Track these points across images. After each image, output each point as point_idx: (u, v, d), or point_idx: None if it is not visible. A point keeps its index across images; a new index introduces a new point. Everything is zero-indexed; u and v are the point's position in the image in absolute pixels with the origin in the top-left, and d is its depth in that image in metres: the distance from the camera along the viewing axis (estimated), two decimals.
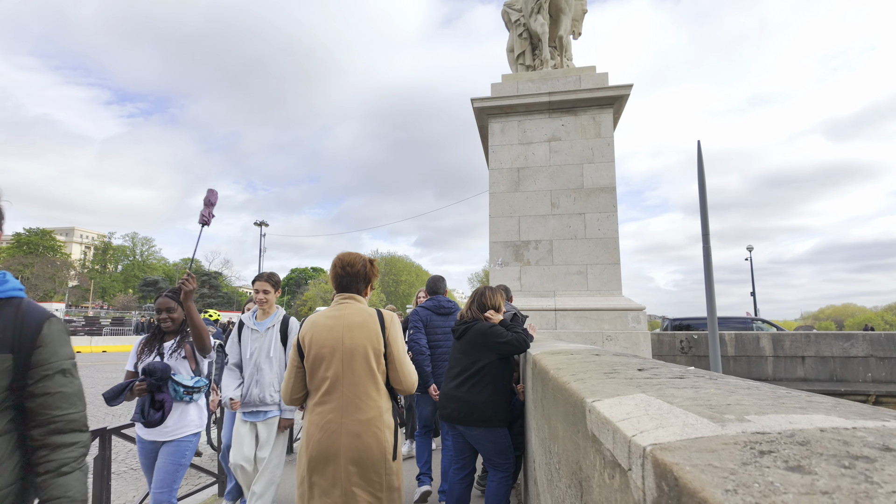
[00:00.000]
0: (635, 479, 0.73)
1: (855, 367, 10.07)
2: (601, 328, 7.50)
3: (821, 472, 0.50)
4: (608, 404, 1.01)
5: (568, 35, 9.41)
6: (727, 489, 0.49)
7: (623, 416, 0.89)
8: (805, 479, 0.49)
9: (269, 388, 3.58)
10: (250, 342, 3.66)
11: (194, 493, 4.61)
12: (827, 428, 0.67)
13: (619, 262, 7.85)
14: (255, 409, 3.58)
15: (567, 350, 2.73)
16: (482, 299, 3.49)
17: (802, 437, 0.64)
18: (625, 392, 1.12)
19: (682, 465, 0.58)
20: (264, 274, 3.81)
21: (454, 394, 3.27)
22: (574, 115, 8.37)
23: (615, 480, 0.88)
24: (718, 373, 1.51)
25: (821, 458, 0.54)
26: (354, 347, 2.35)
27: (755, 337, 10.56)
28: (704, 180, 7.68)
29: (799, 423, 0.70)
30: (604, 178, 8.05)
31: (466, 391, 3.22)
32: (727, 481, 0.51)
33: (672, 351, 10.88)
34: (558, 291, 7.92)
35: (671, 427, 0.76)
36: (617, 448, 0.85)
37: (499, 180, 8.49)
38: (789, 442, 0.62)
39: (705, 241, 7.37)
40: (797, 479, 0.49)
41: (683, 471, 0.57)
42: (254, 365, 3.59)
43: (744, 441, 0.64)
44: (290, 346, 3.56)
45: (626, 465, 0.79)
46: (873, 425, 0.67)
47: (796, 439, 0.63)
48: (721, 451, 0.61)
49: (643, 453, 0.69)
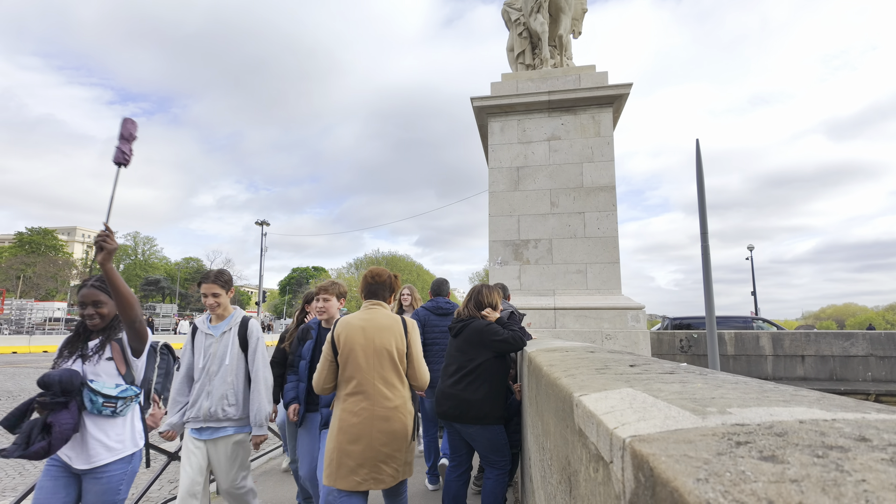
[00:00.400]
0: (616, 472, 0.73)
1: (855, 367, 10.05)
2: (600, 327, 7.50)
3: (793, 462, 0.50)
4: (594, 398, 1.01)
5: (568, 34, 9.39)
6: (699, 478, 0.49)
7: (607, 410, 0.89)
8: (776, 468, 0.49)
9: (222, 402, 3.04)
10: (204, 348, 3.15)
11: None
12: (806, 420, 0.67)
13: (618, 262, 7.84)
14: (205, 424, 3.05)
15: (562, 348, 2.73)
16: (479, 297, 3.49)
17: (781, 428, 0.64)
18: (612, 387, 1.12)
19: (658, 456, 0.58)
20: (211, 273, 3.19)
21: (450, 391, 3.27)
22: (574, 115, 8.37)
23: (599, 474, 0.88)
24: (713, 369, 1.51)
25: (795, 448, 0.54)
26: (383, 346, 2.79)
27: (755, 336, 10.55)
28: (703, 178, 7.67)
29: (779, 416, 0.70)
30: (603, 177, 8.05)
31: (462, 389, 3.22)
32: (699, 470, 0.51)
33: (672, 350, 10.87)
34: (558, 290, 7.92)
35: (653, 420, 0.76)
36: (600, 441, 0.84)
37: (498, 179, 8.49)
38: (767, 433, 0.62)
39: (703, 239, 7.37)
40: (768, 468, 0.49)
41: (659, 461, 0.57)
42: (206, 374, 3.09)
43: (722, 432, 0.64)
44: (253, 351, 3.16)
45: (608, 457, 0.79)
46: (853, 417, 0.67)
47: (774, 430, 0.63)
48: (698, 442, 0.61)
49: (623, 445, 0.69)
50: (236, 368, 3.11)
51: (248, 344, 3.18)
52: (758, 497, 0.43)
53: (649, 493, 0.58)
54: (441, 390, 3.37)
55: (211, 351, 3.12)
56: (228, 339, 3.14)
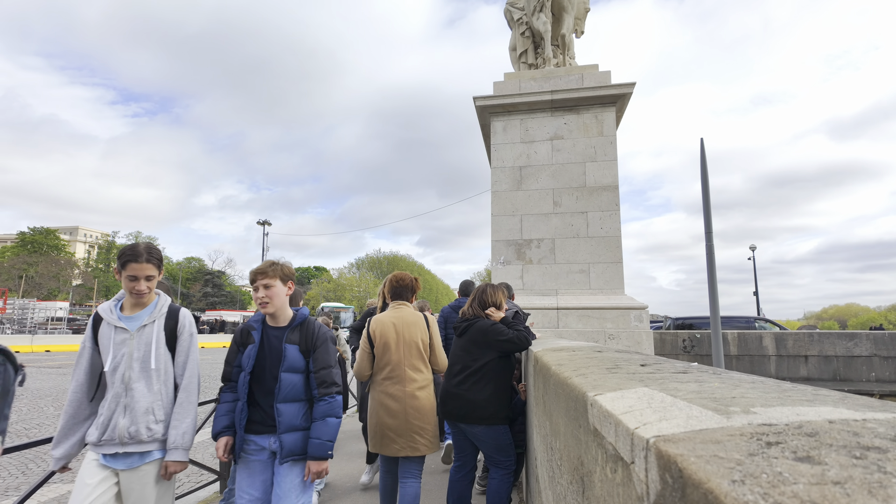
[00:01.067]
0: (638, 473, 0.72)
1: (858, 367, 10.02)
2: (603, 327, 7.48)
3: (831, 463, 0.48)
4: (610, 398, 0.99)
5: (570, 33, 9.37)
6: (734, 479, 0.48)
7: (625, 410, 0.87)
8: (815, 470, 0.47)
9: (146, 417, 2.35)
10: (113, 346, 2.38)
11: (195, 491, 4.60)
12: (836, 419, 0.65)
13: (621, 261, 7.82)
14: (122, 449, 2.32)
15: (569, 347, 2.71)
16: (483, 296, 3.48)
17: (811, 428, 0.62)
18: (627, 386, 1.10)
19: (687, 457, 0.56)
20: (141, 249, 2.42)
21: (455, 391, 3.26)
22: (576, 114, 8.35)
23: (617, 474, 0.86)
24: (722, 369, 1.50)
25: (830, 449, 0.52)
26: (411, 339, 3.35)
27: (758, 336, 10.51)
28: (707, 177, 7.64)
29: (806, 415, 0.69)
30: (606, 176, 8.03)
31: (467, 389, 3.21)
32: (734, 472, 0.49)
33: (674, 350, 10.84)
34: (560, 290, 7.90)
35: (675, 419, 0.74)
36: (619, 441, 0.83)
37: (501, 179, 8.47)
38: (797, 433, 0.60)
39: (708, 238, 7.34)
40: (807, 470, 0.47)
41: (688, 462, 0.55)
42: (121, 381, 2.35)
43: (750, 433, 0.62)
44: (185, 350, 2.52)
45: (628, 458, 0.77)
46: (883, 417, 0.65)
47: (804, 430, 0.61)
48: (727, 442, 0.59)
49: (646, 445, 0.67)
50: (165, 373, 2.46)
51: (180, 338, 2.51)
52: (801, 500, 0.42)
53: (678, 495, 0.56)
54: (446, 390, 3.35)
55: (124, 350, 2.39)
56: (151, 336, 2.43)
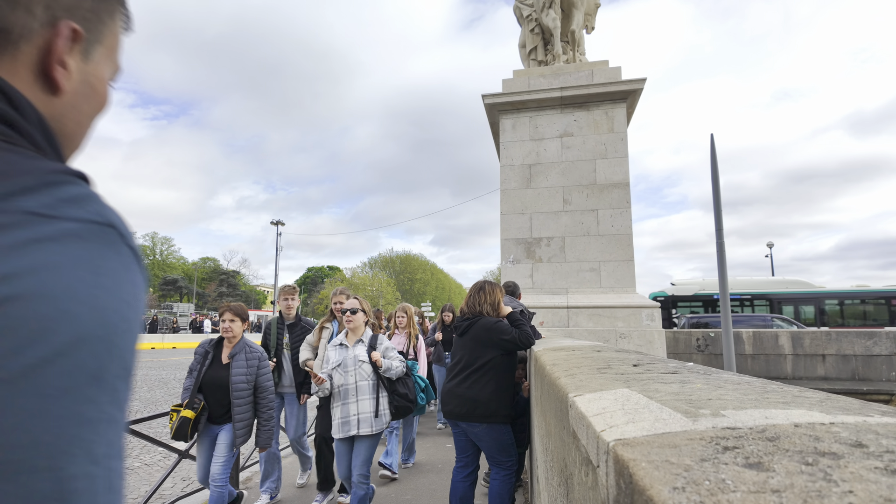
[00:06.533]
0: (602, 477, 0.70)
1: (878, 366, 9.78)
2: (614, 326, 7.40)
3: (779, 469, 0.46)
4: (588, 399, 0.98)
5: (580, 30, 9.28)
6: (675, 486, 0.46)
7: (598, 411, 0.86)
8: (759, 477, 0.45)
9: None
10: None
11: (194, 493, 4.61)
12: (802, 423, 0.63)
13: (632, 259, 7.73)
14: None
15: (569, 347, 2.68)
16: (480, 294, 3.45)
17: (774, 432, 0.60)
18: (609, 387, 1.08)
19: (639, 462, 0.55)
20: None
21: (456, 390, 3.24)
22: (586, 111, 8.26)
23: (589, 478, 0.84)
24: (731, 371, 1.46)
25: (784, 455, 0.50)
26: None
27: (774, 335, 10.33)
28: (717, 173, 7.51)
29: (775, 419, 0.66)
30: (617, 173, 7.94)
31: (469, 387, 3.19)
32: (678, 478, 0.48)
33: (688, 349, 10.69)
34: (571, 289, 7.83)
35: (642, 422, 0.72)
36: (590, 444, 0.81)
37: (510, 177, 8.42)
38: (758, 437, 0.58)
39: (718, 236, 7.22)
40: (751, 477, 0.45)
41: (639, 467, 0.53)
42: None
43: (710, 436, 0.60)
44: None
45: (595, 461, 0.75)
46: (853, 420, 0.63)
47: (766, 435, 0.59)
48: (683, 446, 0.58)
49: (608, 449, 0.66)
50: None
51: None
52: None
53: (629, 502, 0.54)
54: (447, 389, 3.34)
55: None
56: None
